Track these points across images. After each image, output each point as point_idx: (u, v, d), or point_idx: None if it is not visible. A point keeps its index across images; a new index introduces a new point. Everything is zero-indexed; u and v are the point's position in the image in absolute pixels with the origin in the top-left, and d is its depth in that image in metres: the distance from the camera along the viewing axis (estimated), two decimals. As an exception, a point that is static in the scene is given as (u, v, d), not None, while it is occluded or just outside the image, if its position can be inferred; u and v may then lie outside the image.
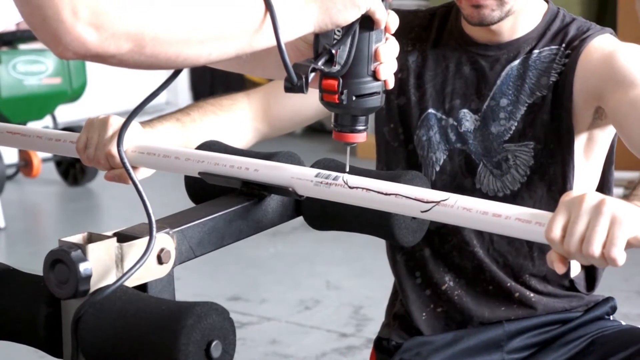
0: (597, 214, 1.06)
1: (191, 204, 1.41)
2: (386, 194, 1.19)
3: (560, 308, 1.76)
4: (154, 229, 1.16)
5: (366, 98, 1.19)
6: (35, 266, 1.29)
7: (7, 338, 1.22)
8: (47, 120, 5.58)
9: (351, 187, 1.22)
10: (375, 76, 1.19)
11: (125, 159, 1.22)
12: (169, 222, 1.24)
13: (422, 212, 1.16)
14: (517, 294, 1.74)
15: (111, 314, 1.10)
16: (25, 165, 5.46)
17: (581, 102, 1.66)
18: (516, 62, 1.71)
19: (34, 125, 5.11)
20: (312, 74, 1.14)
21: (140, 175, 1.50)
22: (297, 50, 1.22)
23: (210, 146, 1.45)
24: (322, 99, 1.21)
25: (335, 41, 1.17)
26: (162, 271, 1.20)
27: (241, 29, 1.08)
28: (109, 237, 1.16)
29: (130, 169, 1.22)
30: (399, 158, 1.77)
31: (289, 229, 4.32)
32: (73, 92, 5.54)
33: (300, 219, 1.41)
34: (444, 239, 1.76)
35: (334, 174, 1.24)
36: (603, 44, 1.67)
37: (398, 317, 1.83)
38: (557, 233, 1.07)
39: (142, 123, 1.61)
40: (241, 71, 1.40)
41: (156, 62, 1.04)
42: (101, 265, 1.13)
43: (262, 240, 3.67)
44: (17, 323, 1.19)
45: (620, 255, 1.06)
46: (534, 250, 1.73)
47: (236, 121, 1.74)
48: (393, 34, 1.21)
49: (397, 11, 1.72)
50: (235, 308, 3.60)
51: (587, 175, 1.74)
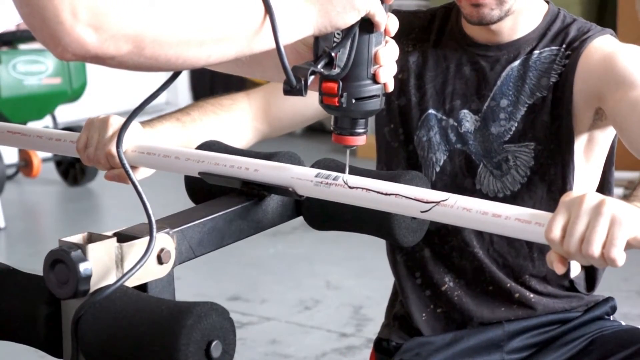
0: (597, 215, 1.06)
1: (191, 204, 1.41)
2: (386, 194, 1.19)
3: (560, 308, 1.76)
4: (154, 228, 1.16)
5: (366, 101, 1.19)
6: (35, 266, 1.29)
7: (7, 338, 1.22)
8: (47, 120, 5.58)
9: (351, 187, 1.22)
10: (375, 79, 1.19)
11: (125, 160, 1.22)
12: (169, 222, 1.24)
13: (422, 212, 1.16)
14: (517, 295, 1.74)
15: (111, 314, 1.10)
16: (25, 165, 5.46)
17: (581, 102, 1.66)
18: (516, 63, 1.71)
19: (34, 125, 5.11)
20: (312, 77, 1.14)
21: (141, 175, 1.50)
22: (297, 53, 1.22)
23: (210, 146, 1.45)
24: (321, 102, 1.21)
25: (334, 44, 1.17)
26: (162, 271, 1.20)
27: (241, 31, 1.08)
28: (109, 237, 1.16)
29: (130, 170, 1.22)
30: (399, 158, 1.77)
31: (289, 229, 4.32)
32: (73, 92, 5.54)
33: (300, 218, 1.41)
34: (444, 240, 1.76)
35: (334, 174, 1.24)
36: (603, 45, 1.67)
37: (398, 317, 1.83)
38: (556, 233, 1.07)
39: (142, 123, 1.61)
40: (240, 73, 1.40)
41: (156, 63, 1.04)
42: (101, 265, 1.13)
43: (262, 240, 3.67)
44: (17, 323, 1.19)
45: (619, 256, 1.06)
46: (533, 250, 1.73)
47: (236, 121, 1.74)
48: (393, 36, 1.21)
49: (397, 12, 1.73)
50: (235, 308, 3.60)
51: (587, 176, 1.74)
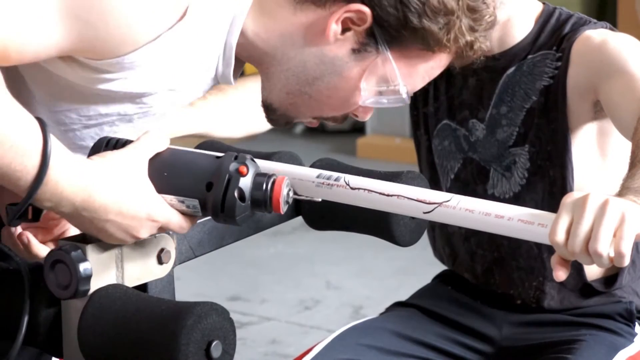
0: (602, 213, 1.06)
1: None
2: (388, 195, 1.19)
3: (571, 306, 1.77)
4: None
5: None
6: (35, 266, 1.29)
7: (8, 338, 1.22)
8: (47, 120, 5.58)
9: (352, 188, 1.21)
10: None
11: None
12: (169, 222, 1.24)
13: (425, 213, 1.16)
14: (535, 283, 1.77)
15: (111, 314, 1.10)
16: (25, 165, 5.45)
17: (577, 98, 1.67)
18: (511, 70, 1.73)
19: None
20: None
21: None
22: None
23: (210, 145, 1.44)
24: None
25: None
26: (162, 271, 1.20)
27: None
28: (109, 237, 1.16)
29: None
30: (425, 163, 1.85)
31: (289, 229, 4.31)
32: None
33: (300, 218, 1.41)
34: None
35: (335, 174, 1.23)
36: (593, 36, 1.67)
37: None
38: (561, 236, 1.07)
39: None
40: None
41: None
42: (101, 265, 1.13)
43: (262, 240, 3.66)
44: (17, 323, 1.19)
45: (629, 250, 1.05)
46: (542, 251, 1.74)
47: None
48: None
49: None
50: (235, 308, 3.59)
51: (605, 173, 1.73)
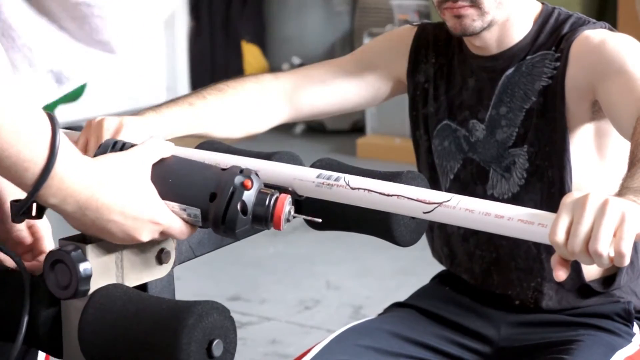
0: (602, 213, 1.06)
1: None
2: (388, 195, 1.19)
3: (569, 306, 1.77)
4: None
5: None
6: (35, 266, 1.29)
7: (7, 338, 1.21)
8: (47, 120, 5.58)
9: (353, 188, 1.21)
10: None
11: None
12: (169, 222, 1.23)
13: (425, 213, 1.16)
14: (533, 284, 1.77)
15: (112, 314, 1.10)
16: (25, 165, 5.45)
17: (575, 98, 1.67)
18: (511, 70, 1.73)
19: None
20: None
21: None
22: None
23: (210, 145, 1.44)
24: None
25: None
26: (162, 271, 1.20)
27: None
28: (109, 237, 1.16)
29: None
30: (424, 164, 1.85)
31: (289, 229, 4.29)
32: (73, 92, 5.54)
33: (300, 218, 1.41)
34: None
35: (335, 174, 1.24)
36: (591, 36, 1.67)
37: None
38: (561, 236, 1.07)
39: (148, 109, 1.62)
40: None
41: None
42: (101, 265, 1.13)
43: (262, 240, 3.66)
44: (17, 323, 1.19)
45: (629, 249, 1.05)
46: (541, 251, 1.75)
47: (263, 99, 1.80)
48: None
49: (426, 25, 1.86)
50: (235, 308, 3.59)
51: (603, 175, 1.73)
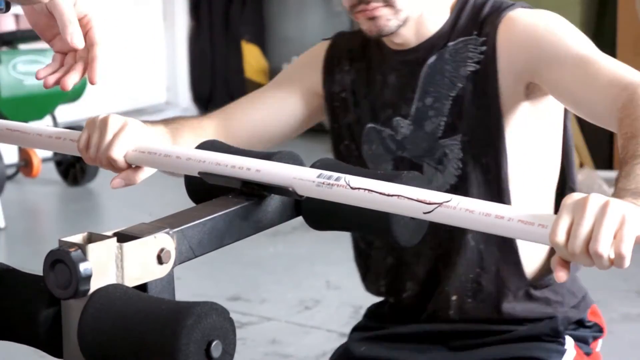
0: (603, 214, 1.05)
1: (191, 204, 1.41)
2: (388, 194, 1.19)
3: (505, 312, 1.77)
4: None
5: None
6: (35, 266, 1.29)
7: (7, 338, 1.22)
8: (47, 120, 5.58)
9: (353, 188, 1.21)
10: None
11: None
12: (169, 222, 1.24)
13: (425, 213, 1.15)
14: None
15: (111, 314, 1.10)
16: (25, 165, 5.46)
17: (510, 81, 1.65)
18: (432, 59, 1.70)
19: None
20: None
21: (144, 174, 1.49)
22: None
23: (211, 145, 1.45)
24: None
25: None
26: (162, 271, 1.20)
27: None
28: (109, 237, 1.16)
29: None
30: None
31: (289, 229, 4.32)
32: (73, 92, 5.54)
33: (300, 218, 1.41)
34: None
35: (335, 174, 1.24)
36: (517, 17, 1.66)
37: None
38: (562, 237, 1.07)
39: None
40: None
41: None
42: (101, 265, 1.13)
43: (262, 240, 3.66)
44: (17, 323, 1.19)
45: (629, 252, 1.05)
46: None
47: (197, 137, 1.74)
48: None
49: (341, 34, 1.83)
50: (235, 308, 3.60)
51: (539, 158, 1.73)
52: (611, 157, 5.37)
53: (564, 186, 1.78)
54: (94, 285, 1.12)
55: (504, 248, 1.73)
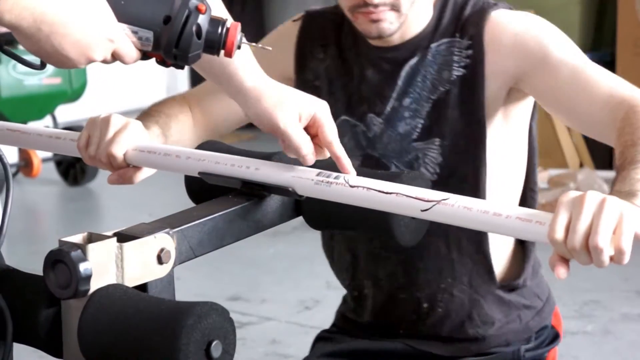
0: (601, 210, 1.06)
1: (192, 204, 1.41)
2: (387, 192, 1.19)
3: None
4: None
5: None
6: (35, 266, 1.29)
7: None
8: (47, 120, 5.58)
9: (352, 186, 1.22)
10: None
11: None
12: (169, 222, 1.24)
13: (423, 211, 1.16)
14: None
15: (111, 314, 1.10)
16: (25, 165, 5.46)
17: (495, 86, 1.63)
18: (415, 60, 1.67)
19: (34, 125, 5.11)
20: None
21: (142, 175, 1.49)
22: None
23: (211, 145, 1.45)
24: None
25: None
26: (162, 271, 1.20)
27: None
28: (109, 237, 1.16)
29: None
30: None
31: (289, 229, 4.32)
32: (73, 92, 5.54)
33: (301, 218, 1.41)
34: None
35: (334, 173, 1.24)
36: (504, 22, 1.63)
37: None
38: (560, 234, 1.07)
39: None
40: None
41: None
42: (101, 265, 1.13)
43: (262, 240, 3.66)
44: (17, 323, 1.19)
45: (629, 246, 1.05)
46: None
47: (183, 128, 1.70)
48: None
49: (308, 15, 1.77)
50: (235, 308, 3.60)
51: (512, 166, 1.71)
52: (611, 157, 5.37)
53: (526, 188, 1.76)
54: (94, 285, 1.12)
55: (477, 259, 1.71)
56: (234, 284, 3.93)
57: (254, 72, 1.35)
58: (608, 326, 3.48)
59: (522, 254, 1.78)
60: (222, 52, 1.20)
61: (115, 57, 1.17)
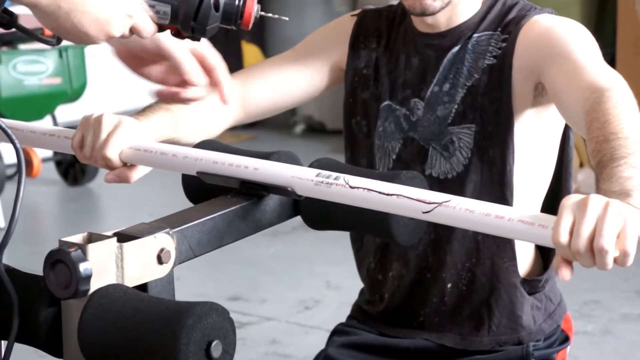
0: (605, 213, 1.06)
1: (192, 204, 1.41)
2: (388, 194, 1.18)
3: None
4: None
5: None
6: (35, 266, 1.29)
7: (8, 338, 1.22)
8: (47, 120, 5.58)
9: (352, 187, 1.21)
10: None
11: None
12: (169, 222, 1.24)
13: (424, 212, 1.15)
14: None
15: (111, 314, 1.10)
16: (25, 165, 5.46)
17: (522, 79, 1.68)
18: (457, 48, 1.75)
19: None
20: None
21: (138, 173, 1.49)
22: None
23: (208, 145, 1.44)
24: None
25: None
26: (162, 271, 1.20)
27: None
28: (109, 237, 1.16)
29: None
30: (363, 150, 1.84)
31: (289, 229, 4.32)
32: (73, 92, 5.54)
33: (300, 218, 1.41)
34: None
35: (334, 174, 1.24)
36: (540, 21, 1.69)
37: None
38: (565, 237, 1.07)
39: (135, 114, 1.60)
40: None
41: None
42: (101, 265, 1.13)
43: (262, 240, 3.66)
44: (17, 323, 1.19)
45: (634, 249, 1.06)
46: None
47: (215, 107, 1.74)
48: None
49: (366, 11, 1.88)
50: (235, 308, 3.60)
51: (541, 159, 1.75)
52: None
53: (559, 193, 1.79)
54: (94, 285, 1.12)
55: (500, 242, 1.75)
56: (233, 284, 3.93)
57: None
58: (608, 326, 3.48)
59: (548, 251, 1.80)
60: (240, 23, 1.20)
61: (133, 31, 1.16)
